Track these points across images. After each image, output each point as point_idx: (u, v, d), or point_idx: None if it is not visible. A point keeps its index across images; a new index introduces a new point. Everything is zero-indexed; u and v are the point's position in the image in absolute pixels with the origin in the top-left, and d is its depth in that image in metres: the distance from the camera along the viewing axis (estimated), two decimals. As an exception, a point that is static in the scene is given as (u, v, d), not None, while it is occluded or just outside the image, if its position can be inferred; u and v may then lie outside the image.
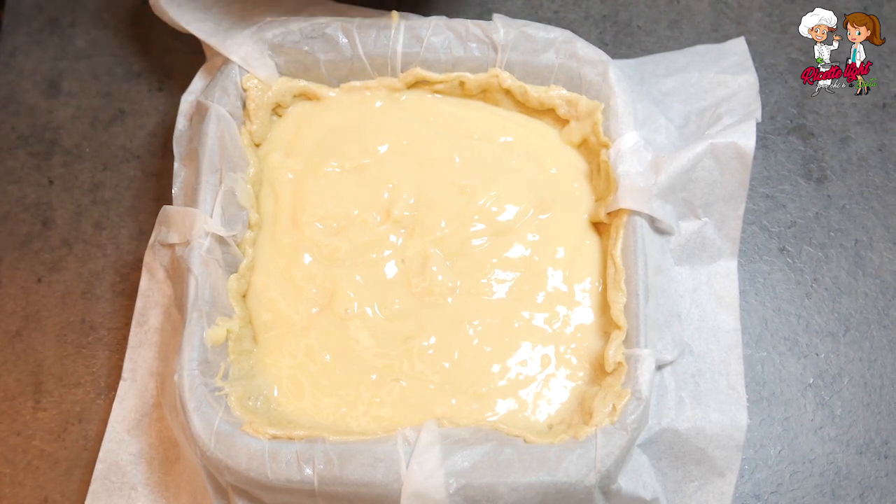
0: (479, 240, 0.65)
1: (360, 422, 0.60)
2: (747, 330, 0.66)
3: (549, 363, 0.61)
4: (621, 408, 0.55)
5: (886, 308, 0.67)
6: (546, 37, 0.66)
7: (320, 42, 0.67)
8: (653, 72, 0.71)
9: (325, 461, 0.54)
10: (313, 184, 0.66)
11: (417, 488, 0.53)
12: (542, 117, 0.69)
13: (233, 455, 0.54)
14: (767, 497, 0.62)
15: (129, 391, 0.63)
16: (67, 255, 0.70)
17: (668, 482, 0.59)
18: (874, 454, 0.63)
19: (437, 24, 0.67)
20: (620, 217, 0.61)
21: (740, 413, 0.60)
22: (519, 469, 0.53)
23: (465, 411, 0.60)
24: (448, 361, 0.61)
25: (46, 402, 0.66)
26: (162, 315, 0.64)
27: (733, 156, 0.63)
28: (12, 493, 0.63)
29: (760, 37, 0.76)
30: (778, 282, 0.68)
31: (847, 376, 0.65)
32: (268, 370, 0.61)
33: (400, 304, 0.63)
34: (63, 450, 0.65)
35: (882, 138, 0.72)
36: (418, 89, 0.69)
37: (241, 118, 0.67)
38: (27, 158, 0.73)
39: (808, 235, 0.69)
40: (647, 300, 0.59)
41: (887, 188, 0.71)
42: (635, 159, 0.62)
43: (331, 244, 0.65)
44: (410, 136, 0.68)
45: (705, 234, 0.64)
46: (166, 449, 0.62)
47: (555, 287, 0.63)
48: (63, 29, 0.78)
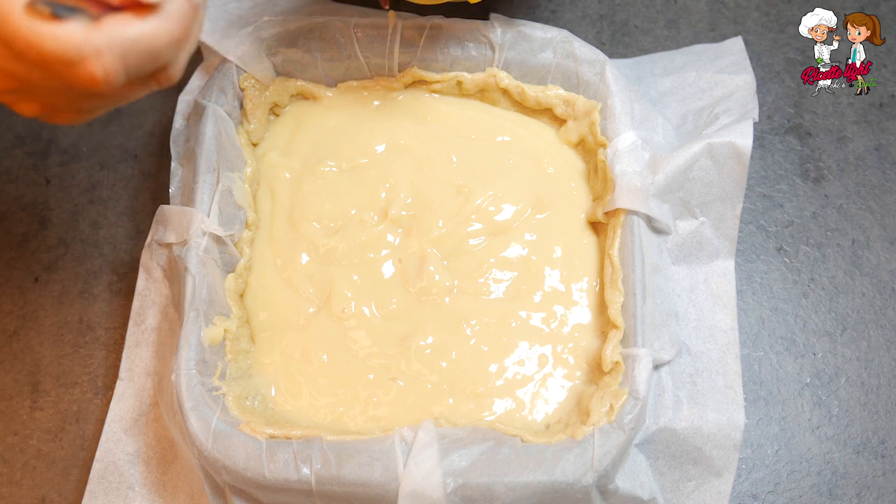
0: (476, 239, 0.65)
1: (358, 421, 0.60)
2: (744, 329, 0.66)
3: (546, 363, 0.61)
4: (619, 407, 0.55)
5: (883, 307, 0.67)
6: (543, 36, 0.66)
7: (318, 42, 0.67)
8: (650, 71, 0.71)
9: (323, 461, 0.54)
10: (311, 183, 0.66)
11: (415, 488, 0.53)
12: (539, 117, 0.69)
13: (230, 455, 0.54)
14: (765, 496, 0.62)
15: (126, 391, 0.63)
16: (64, 255, 0.70)
17: (665, 482, 0.59)
18: (871, 453, 0.63)
19: (435, 23, 0.67)
20: (618, 216, 0.61)
21: (737, 412, 0.60)
22: (516, 468, 0.53)
23: (462, 411, 0.60)
24: (445, 361, 0.61)
25: (43, 402, 0.66)
26: (159, 314, 0.64)
27: (730, 155, 0.63)
28: (9, 492, 0.63)
29: (758, 36, 0.76)
30: (775, 281, 0.68)
31: (844, 376, 0.65)
32: (265, 370, 0.61)
33: (397, 303, 0.63)
34: (60, 449, 0.65)
35: (879, 138, 0.72)
36: (416, 89, 0.69)
37: (239, 118, 0.67)
38: (24, 158, 0.73)
39: (806, 235, 0.69)
40: (645, 300, 0.59)
41: (884, 188, 0.71)
42: (632, 159, 0.62)
43: (328, 244, 0.65)
44: (408, 135, 0.68)
45: (702, 234, 0.64)
46: (163, 448, 0.62)
47: (552, 287, 0.63)
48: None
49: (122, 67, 0.38)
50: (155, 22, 0.38)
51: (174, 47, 0.39)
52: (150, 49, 0.38)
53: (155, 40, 0.38)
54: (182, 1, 0.39)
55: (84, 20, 0.37)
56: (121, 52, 0.37)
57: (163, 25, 0.38)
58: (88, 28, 0.36)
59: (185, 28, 0.39)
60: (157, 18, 0.38)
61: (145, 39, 0.38)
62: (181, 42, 0.40)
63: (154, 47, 0.38)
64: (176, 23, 0.38)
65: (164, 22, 0.38)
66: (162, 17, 0.38)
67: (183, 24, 0.39)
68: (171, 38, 0.39)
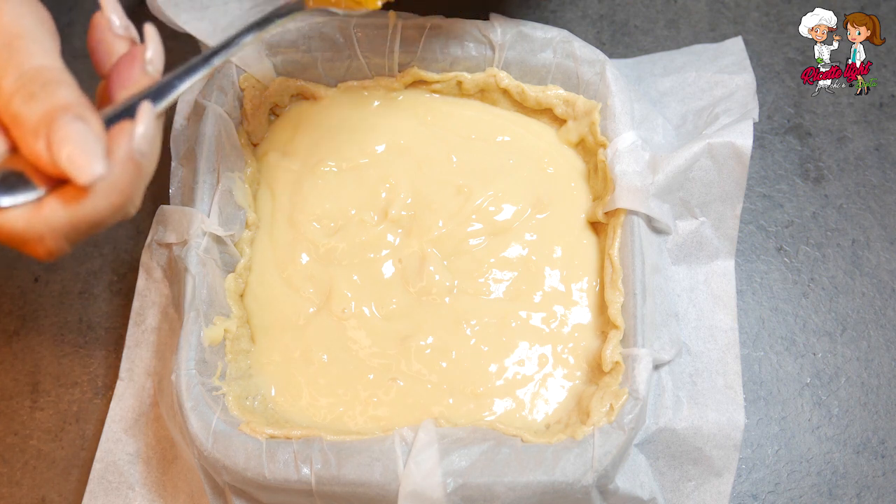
0: (476, 239, 0.65)
1: (358, 421, 0.60)
2: (744, 329, 0.66)
3: (546, 363, 0.61)
4: (619, 407, 0.55)
5: (883, 308, 0.67)
6: (543, 36, 0.66)
7: (317, 41, 0.67)
8: (650, 71, 0.71)
9: (323, 461, 0.54)
10: (311, 183, 0.66)
11: (415, 488, 0.53)
12: (539, 117, 0.69)
13: (230, 455, 0.54)
14: (765, 497, 0.62)
15: (126, 391, 0.63)
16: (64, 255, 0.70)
17: (665, 482, 0.59)
18: (871, 454, 0.63)
19: (435, 23, 0.67)
20: (618, 216, 0.61)
21: (737, 412, 0.60)
22: (516, 468, 0.53)
23: (462, 411, 0.60)
24: (445, 361, 0.61)
25: (44, 402, 0.66)
26: (159, 315, 0.64)
27: (730, 155, 0.63)
28: (9, 492, 0.63)
29: (758, 36, 0.76)
30: (775, 281, 0.68)
31: (844, 376, 0.65)
32: (265, 370, 0.61)
33: (397, 303, 0.63)
34: (60, 449, 0.65)
35: (879, 138, 0.72)
36: (416, 89, 0.69)
37: (239, 118, 0.67)
38: (24, 158, 0.73)
39: (806, 235, 0.69)
40: (645, 300, 0.59)
41: (884, 188, 0.71)
42: (632, 159, 0.62)
43: (328, 244, 0.65)
44: (408, 135, 0.68)
45: (702, 234, 0.64)
46: (164, 448, 0.62)
47: (552, 287, 0.63)
48: (60, 29, 0.77)
49: (66, 243, 0.37)
50: (95, 198, 0.35)
51: (118, 213, 0.37)
52: (91, 224, 0.36)
53: (96, 215, 0.36)
54: (123, 162, 0.36)
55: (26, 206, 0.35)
56: (63, 233, 0.36)
57: (103, 200, 0.36)
58: (30, 215, 0.35)
59: (128, 193, 0.37)
60: (97, 194, 0.35)
61: (88, 217, 0.36)
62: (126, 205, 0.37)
63: (96, 221, 0.36)
64: (117, 192, 0.36)
65: (104, 197, 0.36)
66: (102, 192, 0.36)
67: (127, 190, 0.36)
68: (114, 210, 0.36)
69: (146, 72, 0.40)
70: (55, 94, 0.35)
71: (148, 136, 0.37)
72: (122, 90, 0.39)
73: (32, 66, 0.36)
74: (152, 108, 0.39)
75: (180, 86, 0.42)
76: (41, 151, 0.34)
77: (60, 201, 0.35)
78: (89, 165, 0.34)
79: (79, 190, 0.35)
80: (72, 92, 0.36)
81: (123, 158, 0.36)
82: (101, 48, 0.41)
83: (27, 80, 0.35)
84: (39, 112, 0.34)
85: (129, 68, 0.40)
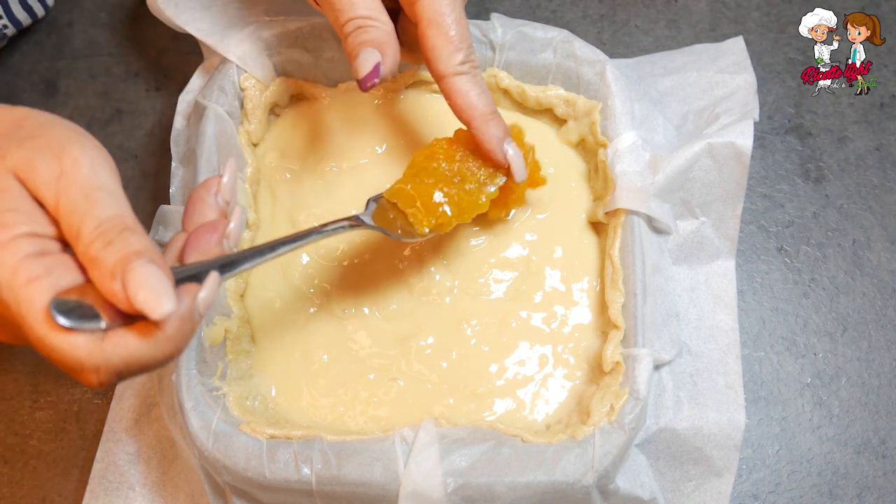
0: (476, 239, 0.65)
1: (358, 421, 0.60)
2: (745, 329, 0.66)
3: (546, 363, 0.61)
4: (619, 407, 0.55)
5: (884, 308, 0.67)
6: (544, 36, 0.66)
7: (317, 41, 0.67)
8: (650, 71, 0.71)
9: (323, 461, 0.54)
10: (311, 183, 0.66)
11: (415, 488, 0.53)
12: (539, 117, 0.69)
13: (230, 455, 0.54)
14: (765, 497, 0.62)
15: (126, 391, 0.63)
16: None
17: (665, 482, 0.59)
18: (872, 454, 0.63)
19: (435, 23, 0.67)
20: (618, 217, 0.61)
21: (738, 413, 0.60)
22: (517, 468, 0.53)
23: (462, 411, 0.60)
24: (446, 361, 0.61)
25: (44, 402, 0.66)
26: (160, 315, 0.64)
27: (731, 155, 0.63)
28: (10, 492, 0.63)
29: (758, 36, 0.76)
30: (776, 281, 0.68)
31: (845, 376, 0.65)
32: (265, 370, 0.61)
33: (397, 303, 0.63)
34: (61, 449, 0.65)
35: (880, 138, 0.72)
36: (416, 89, 0.69)
37: (239, 118, 0.67)
38: (25, 158, 0.73)
39: (806, 235, 0.69)
40: (645, 300, 0.59)
41: (885, 188, 0.71)
42: (633, 159, 0.62)
43: (328, 244, 0.65)
44: (408, 135, 0.68)
45: (703, 234, 0.64)
46: (164, 448, 0.61)
47: (553, 287, 0.63)
48: (61, 29, 0.78)
49: (116, 378, 0.40)
50: (153, 344, 0.39)
51: (166, 361, 0.41)
52: (142, 366, 0.40)
53: (150, 360, 0.40)
54: (184, 319, 0.40)
55: (93, 335, 0.39)
56: (116, 370, 0.39)
57: (160, 348, 0.39)
58: (93, 344, 0.38)
59: (180, 347, 0.40)
60: (156, 340, 0.39)
61: (141, 360, 0.39)
62: (174, 357, 0.41)
63: (147, 364, 0.40)
64: (172, 343, 0.40)
65: (161, 345, 0.39)
66: (160, 340, 0.39)
67: (179, 343, 0.40)
68: (164, 358, 0.40)
69: (221, 244, 0.44)
70: (129, 241, 0.39)
71: (208, 301, 0.41)
72: (195, 253, 0.43)
73: (108, 216, 0.40)
74: (219, 278, 0.42)
75: (245, 264, 0.45)
76: (117, 291, 0.38)
77: (125, 337, 0.39)
78: (160, 303, 0.38)
79: (148, 325, 0.39)
80: (143, 239, 0.40)
81: (184, 315, 0.40)
82: (196, 207, 0.45)
83: (105, 228, 0.39)
84: (116, 257, 0.38)
85: (209, 234, 0.44)
